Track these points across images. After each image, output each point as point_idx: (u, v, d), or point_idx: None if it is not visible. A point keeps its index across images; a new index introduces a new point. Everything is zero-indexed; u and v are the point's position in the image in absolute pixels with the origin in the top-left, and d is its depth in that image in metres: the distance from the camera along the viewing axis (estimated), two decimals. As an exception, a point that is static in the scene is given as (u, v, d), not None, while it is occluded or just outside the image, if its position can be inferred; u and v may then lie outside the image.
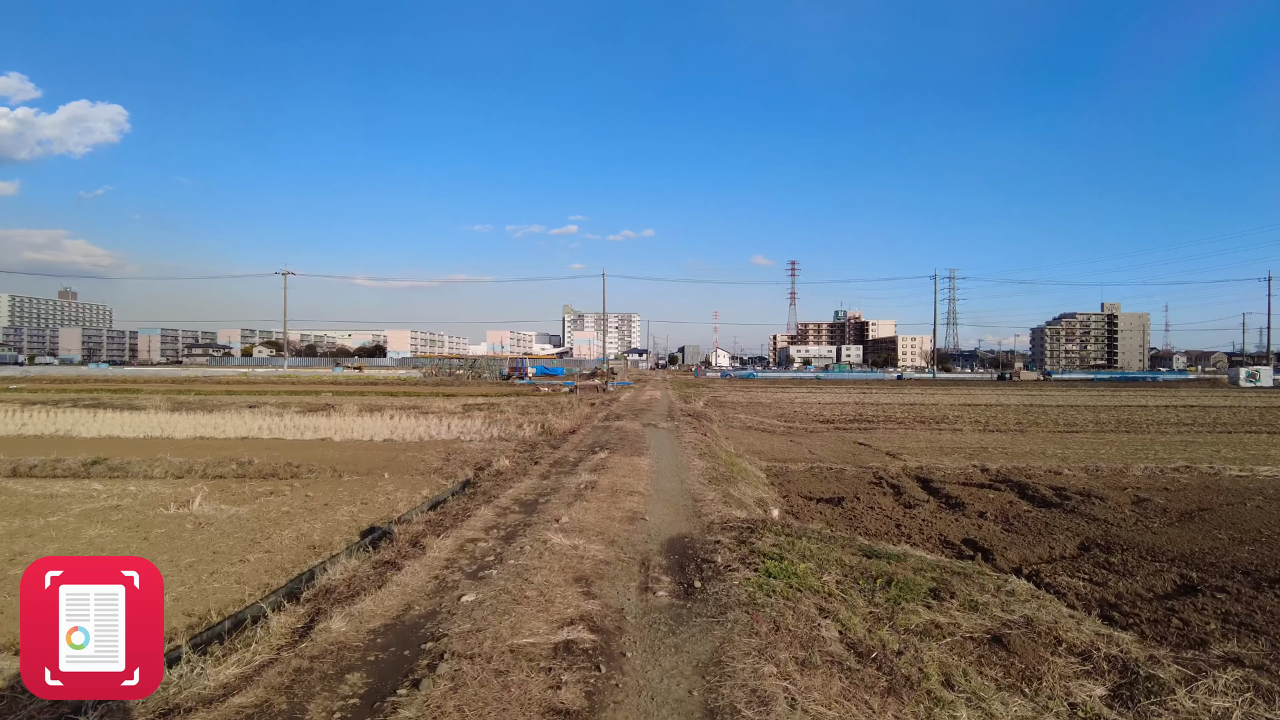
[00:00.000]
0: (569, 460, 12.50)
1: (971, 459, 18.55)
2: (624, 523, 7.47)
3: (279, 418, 24.61)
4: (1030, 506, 12.34)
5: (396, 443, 18.33)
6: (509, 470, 11.45)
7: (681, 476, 10.85)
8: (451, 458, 15.20)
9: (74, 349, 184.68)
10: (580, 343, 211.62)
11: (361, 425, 21.73)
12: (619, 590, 5.34)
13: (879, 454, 19.28)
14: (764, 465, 16.19)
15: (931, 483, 14.68)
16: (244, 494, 12.06)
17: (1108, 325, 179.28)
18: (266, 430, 20.32)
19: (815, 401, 44.12)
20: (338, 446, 17.51)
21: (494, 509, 8.00)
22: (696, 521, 7.72)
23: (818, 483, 14.58)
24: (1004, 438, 23.95)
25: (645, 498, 8.92)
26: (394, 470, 14.09)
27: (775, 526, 7.40)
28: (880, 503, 12.52)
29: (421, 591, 5.22)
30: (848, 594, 5.66)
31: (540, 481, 10.02)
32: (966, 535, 10.22)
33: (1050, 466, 16.41)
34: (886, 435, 24.37)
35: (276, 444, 17.92)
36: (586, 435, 17.32)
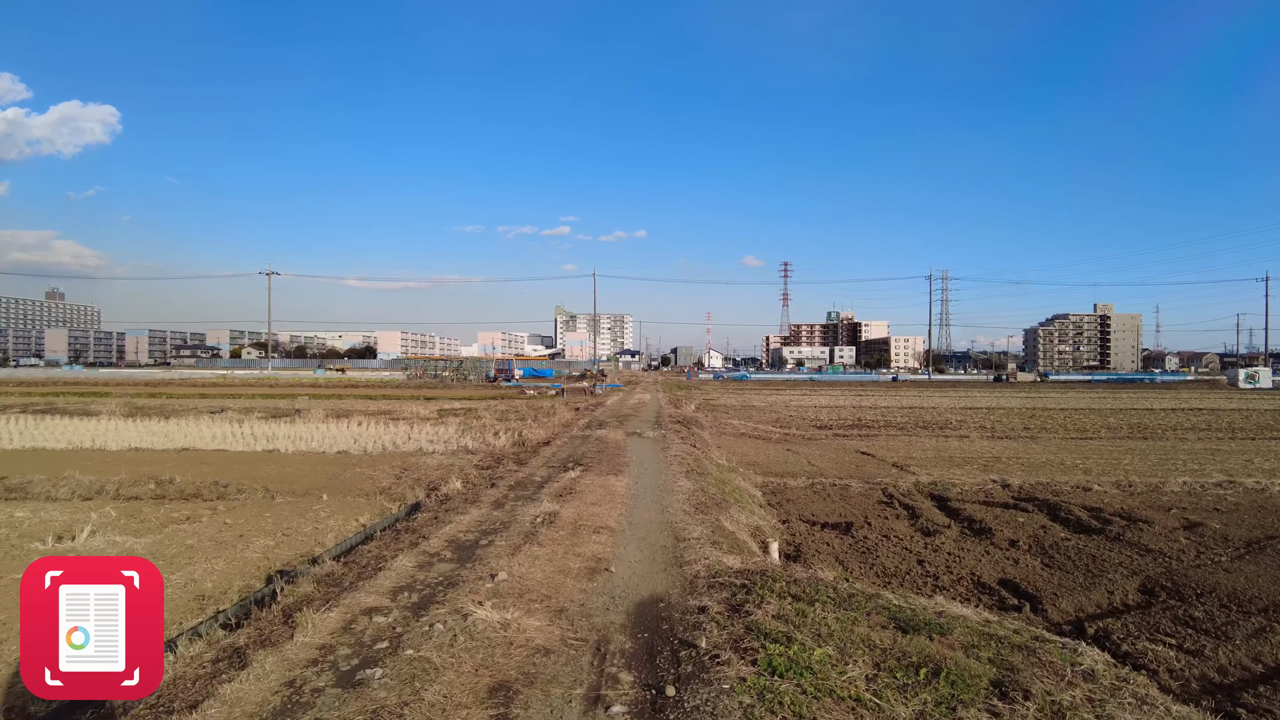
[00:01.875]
0: (534, 480, 10.76)
1: (987, 471, 16.94)
2: (581, 578, 5.75)
3: (237, 425, 22.75)
4: (1067, 533, 10.69)
5: (351, 455, 16.52)
6: (459, 495, 9.70)
7: (664, 502, 9.13)
8: (405, 475, 13.43)
9: (60, 350, 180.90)
10: (572, 344, 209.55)
11: (322, 433, 19.94)
12: (554, 708, 3.62)
13: (885, 466, 17.63)
14: (760, 480, 14.49)
15: (949, 502, 13.03)
16: (153, 521, 10.25)
17: (1100, 326, 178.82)
18: (215, 439, 18.47)
19: (811, 405, 42.50)
20: (284, 460, 15.68)
21: (417, 557, 6.25)
22: (677, 574, 6.01)
23: (821, 502, 12.90)
24: (1015, 445, 22.37)
25: (615, 536, 7.21)
26: (336, 490, 12.30)
27: (778, 583, 5.69)
28: (895, 529, 10.85)
29: (256, 715, 3.48)
30: (884, 699, 3.97)
31: (490, 512, 8.27)
32: (1003, 574, 8.55)
33: (1077, 481, 14.79)
34: (889, 443, 22.73)
35: (218, 457, 16.08)
36: (562, 446, 15.58)
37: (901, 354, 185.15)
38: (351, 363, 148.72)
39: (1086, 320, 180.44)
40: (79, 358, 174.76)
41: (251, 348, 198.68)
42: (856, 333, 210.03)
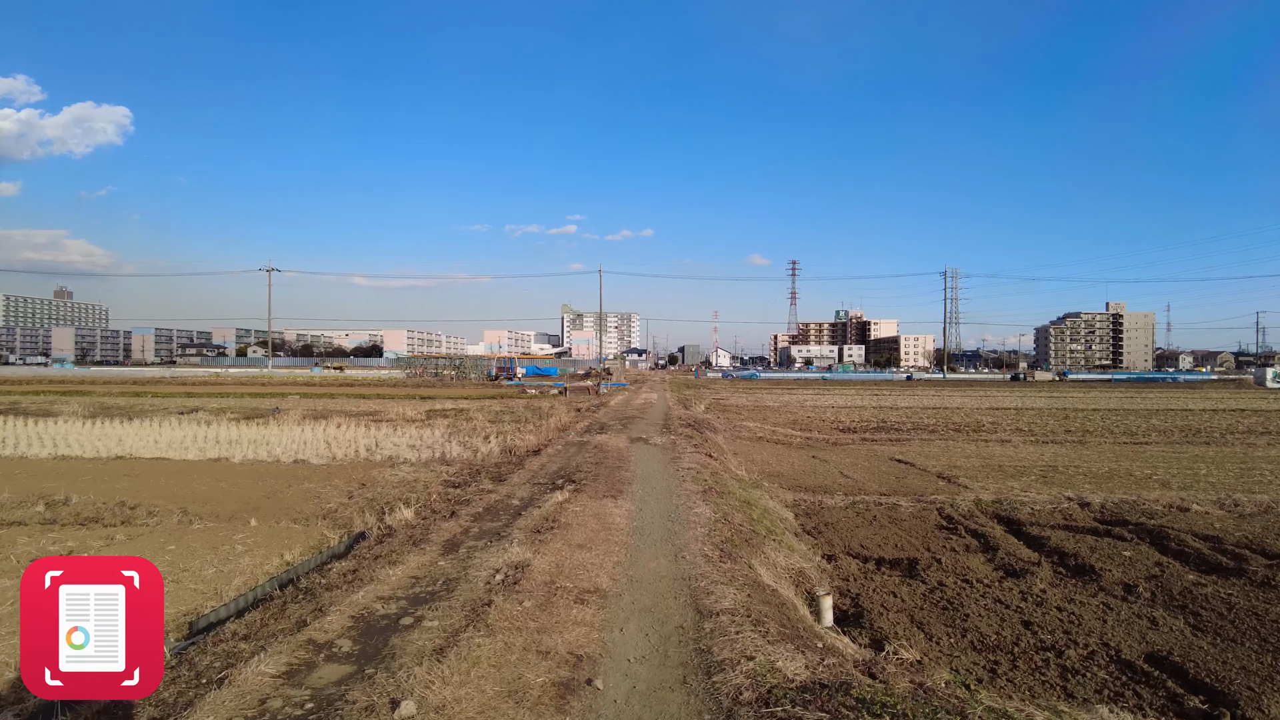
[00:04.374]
0: (509, 505, 8.44)
1: (1047, 483, 14.55)
2: (545, 708, 3.42)
3: (204, 427, 20.57)
4: (1193, 574, 8.30)
5: (310, 465, 14.24)
6: (404, 530, 7.34)
7: (677, 540, 6.80)
8: (360, 493, 11.14)
9: (67, 349, 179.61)
10: (579, 342, 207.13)
11: (289, 438, 17.70)
12: None
13: (929, 477, 15.25)
14: (789, 498, 12.13)
15: (1023, 527, 10.66)
16: (15, 557, 7.99)
17: (1113, 325, 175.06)
18: (161, 446, 16.23)
19: (828, 405, 40.04)
20: (228, 472, 13.41)
21: (294, 652, 3.94)
22: (704, 694, 3.68)
23: (868, 528, 10.53)
24: (1066, 451, 19.91)
25: (608, 607, 4.89)
26: (271, 512, 10.03)
27: (874, 707, 3.36)
28: (970, 566, 8.48)
29: None
30: None
31: (437, 560, 5.95)
32: (1149, 646, 6.17)
33: (1169, 500, 12.37)
34: (925, 449, 20.31)
35: (153, 467, 13.83)
36: (555, 456, 13.27)
37: (911, 353, 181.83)
38: (355, 361, 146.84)
39: (1099, 319, 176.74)
40: (85, 356, 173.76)
41: (257, 346, 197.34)
42: (865, 331, 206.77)
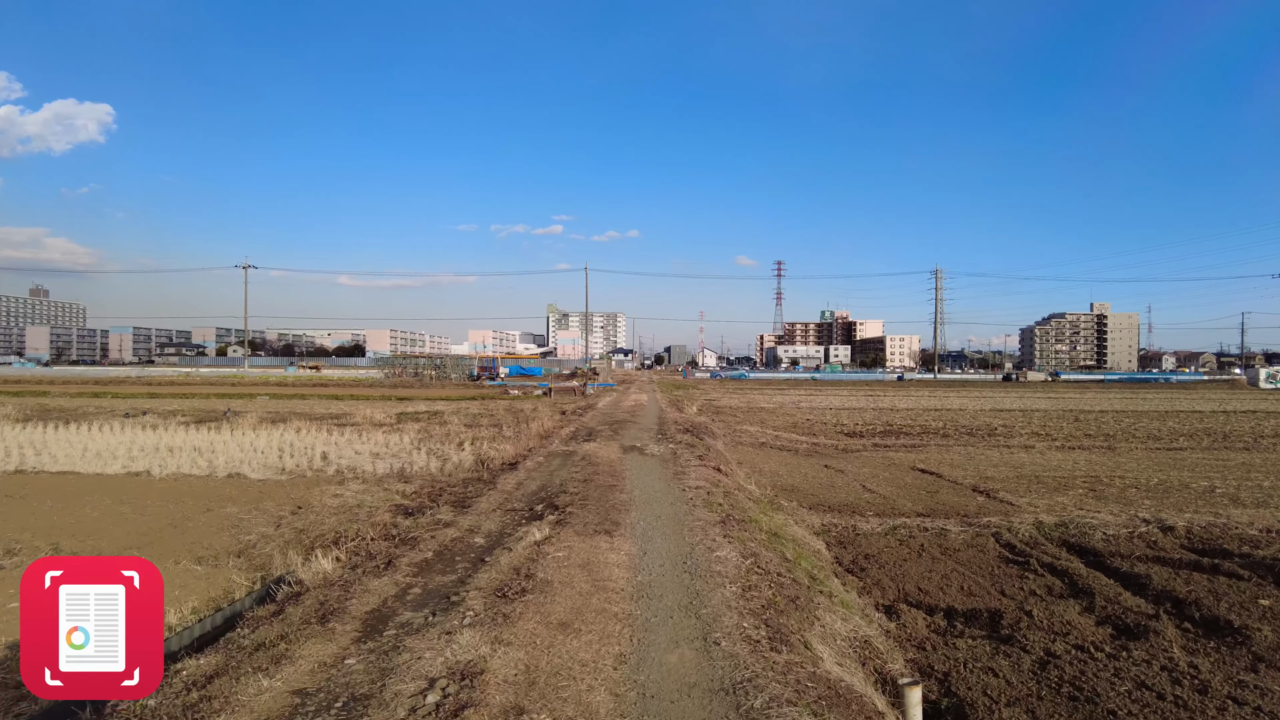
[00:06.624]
0: (470, 547, 6.37)
1: (1100, 498, 12.74)
2: None
3: (143, 433, 18.34)
4: (1355, 629, 6.43)
5: (244, 480, 12.02)
6: (316, 592, 5.21)
7: (701, 611, 4.79)
8: (288, 522, 8.98)
9: (42, 348, 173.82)
10: (564, 342, 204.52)
11: (235, 446, 15.49)
12: None
13: (962, 490, 13.37)
14: (815, 522, 10.14)
15: (1103, 559, 8.78)
16: None
17: (1098, 325, 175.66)
18: (89, 455, 13.92)
19: (824, 407, 38.25)
20: (143, 490, 11.17)
21: None
22: None
23: (916, 561, 8.58)
24: (1099, 458, 18.16)
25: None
26: (170, 548, 7.85)
27: None
28: (1072, 623, 6.55)
29: None
30: None
31: (339, 662, 3.88)
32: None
33: (1264, 522, 10.57)
34: (944, 455, 18.47)
35: (56, 484, 11.55)
36: (535, 470, 11.20)
37: (897, 353, 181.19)
38: (334, 361, 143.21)
39: (1083, 319, 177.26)
40: (61, 356, 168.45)
41: (237, 345, 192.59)
42: (851, 331, 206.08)
